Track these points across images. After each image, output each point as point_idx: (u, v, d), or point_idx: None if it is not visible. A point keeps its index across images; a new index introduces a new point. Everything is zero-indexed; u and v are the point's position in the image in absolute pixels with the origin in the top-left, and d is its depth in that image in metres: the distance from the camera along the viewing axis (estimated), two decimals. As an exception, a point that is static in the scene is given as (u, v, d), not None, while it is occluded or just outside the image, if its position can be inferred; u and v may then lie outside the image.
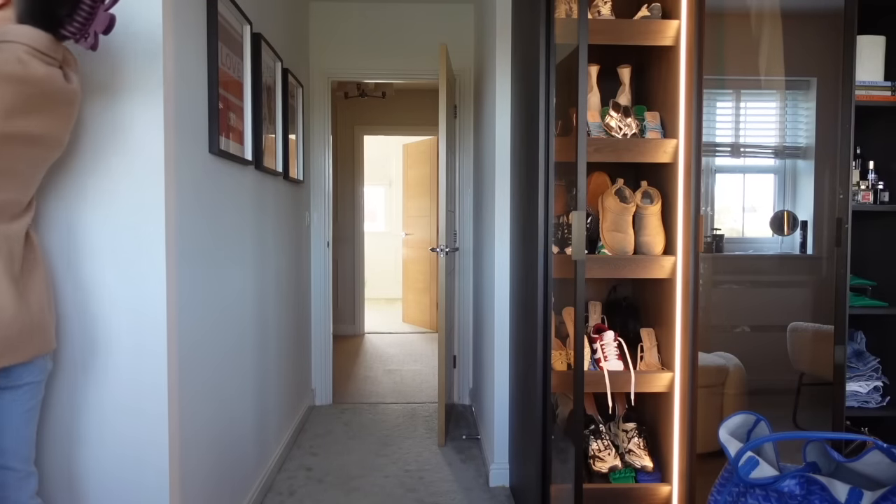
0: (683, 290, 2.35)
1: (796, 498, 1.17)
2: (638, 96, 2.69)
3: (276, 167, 3.27)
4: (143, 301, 1.84)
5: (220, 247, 2.39)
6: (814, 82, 2.98)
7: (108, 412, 1.85)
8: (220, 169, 2.37)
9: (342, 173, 7.00)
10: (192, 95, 2.08)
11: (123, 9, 1.79)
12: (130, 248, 1.83)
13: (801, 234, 2.96)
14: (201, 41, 2.18)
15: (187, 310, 2.04)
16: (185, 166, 2.01)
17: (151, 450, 1.87)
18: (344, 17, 4.51)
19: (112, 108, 1.82)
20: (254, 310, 2.88)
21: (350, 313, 7.07)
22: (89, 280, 1.82)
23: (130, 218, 1.83)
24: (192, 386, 2.09)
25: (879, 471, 1.19)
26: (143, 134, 1.82)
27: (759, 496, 1.20)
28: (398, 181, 9.58)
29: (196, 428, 2.13)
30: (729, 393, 2.78)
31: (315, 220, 4.47)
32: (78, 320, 1.83)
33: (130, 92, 1.82)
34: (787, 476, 1.18)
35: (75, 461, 1.85)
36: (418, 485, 3.20)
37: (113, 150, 1.82)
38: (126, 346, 1.85)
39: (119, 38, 1.81)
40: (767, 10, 2.88)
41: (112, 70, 1.81)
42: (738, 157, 3.18)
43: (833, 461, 1.27)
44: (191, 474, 2.06)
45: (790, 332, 2.90)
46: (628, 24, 2.41)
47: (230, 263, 2.52)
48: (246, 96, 2.66)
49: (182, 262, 1.99)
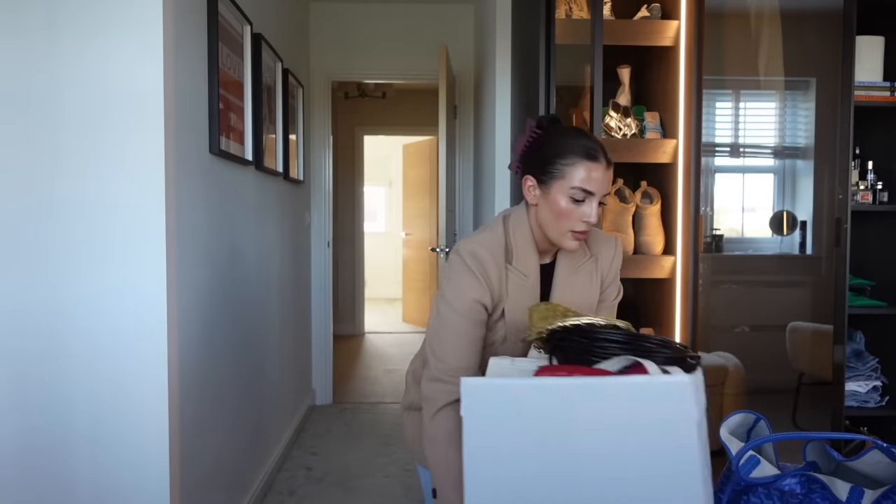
0: (683, 290, 2.35)
1: (797, 496, 1.17)
2: (637, 96, 2.69)
3: (277, 167, 3.27)
4: (144, 301, 1.85)
5: (220, 247, 2.39)
6: (813, 82, 2.98)
7: (109, 412, 1.85)
8: (220, 169, 2.38)
9: (342, 173, 7.00)
10: (192, 95, 2.08)
11: (124, 9, 1.80)
12: (131, 248, 1.84)
13: (800, 233, 2.97)
14: (201, 41, 2.18)
15: (187, 310, 2.05)
16: (185, 166, 2.01)
17: (151, 450, 1.87)
18: (344, 17, 4.51)
19: (112, 108, 1.82)
20: (254, 309, 2.89)
21: (350, 313, 7.07)
22: (89, 280, 1.83)
23: (131, 218, 1.83)
24: (192, 385, 2.09)
25: (879, 470, 1.20)
26: (144, 134, 1.83)
27: (760, 494, 1.20)
28: (398, 181, 9.57)
29: (196, 427, 2.13)
30: (728, 392, 2.78)
31: (315, 220, 4.47)
32: (78, 320, 1.83)
33: (130, 92, 1.82)
34: (788, 475, 1.18)
35: (75, 461, 1.85)
36: (418, 484, 3.20)
37: (113, 151, 1.82)
38: (126, 346, 1.85)
39: (119, 39, 1.81)
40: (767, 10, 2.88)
41: (112, 70, 1.81)
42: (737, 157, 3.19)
43: (832, 461, 1.28)
44: (191, 474, 2.07)
45: (789, 331, 2.90)
46: (628, 24, 2.41)
47: (230, 263, 2.52)
48: (246, 96, 2.67)
49: (182, 262, 2.00)
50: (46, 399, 1.83)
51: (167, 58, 1.86)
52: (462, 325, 1.42)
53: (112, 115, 1.82)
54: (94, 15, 1.80)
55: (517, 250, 1.47)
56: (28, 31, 1.78)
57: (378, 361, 5.93)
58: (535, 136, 1.46)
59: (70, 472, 1.85)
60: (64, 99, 1.80)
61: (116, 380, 1.85)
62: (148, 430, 1.87)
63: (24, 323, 1.82)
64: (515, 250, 1.47)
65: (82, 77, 1.80)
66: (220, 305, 2.40)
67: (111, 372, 1.85)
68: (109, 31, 1.80)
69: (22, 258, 1.81)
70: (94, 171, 1.82)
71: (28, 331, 1.82)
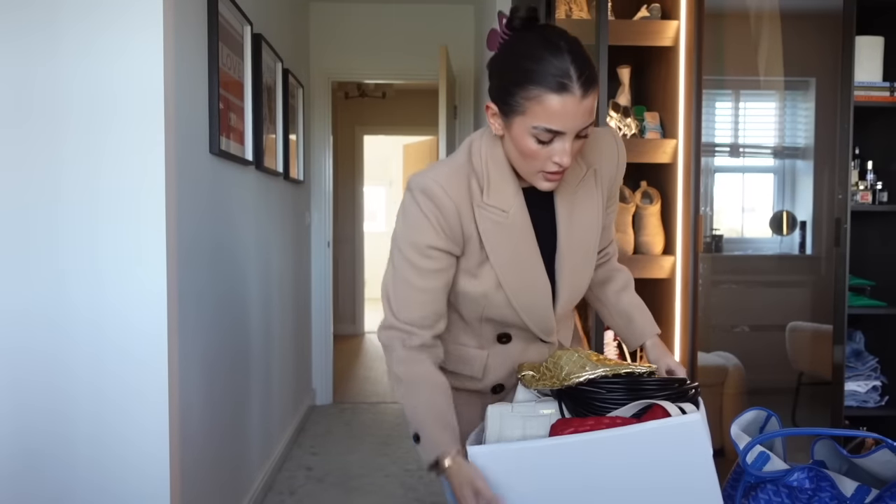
0: (683, 290, 2.35)
1: (806, 492, 1.17)
2: (637, 96, 2.69)
3: (277, 167, 3.27)
4: (144, 300, 1.85)
5: (220, 247, 2.39)
6: (813, 83, 2.98)
7: (109, 411, 1.85)
8: (220, 169, 2.38)
9: (342, 173, 6.99)
10: (192, 95, 2.08)
11: (124, 9, 1.80)
12: (131, 248, 1.84)
13: (800, 233, 2.97)
14: (201, 41, 2.18)
15: (187, 309, 2.05)
16: (185, 166, 2.01)
17: (152, 449, 1.87)
18: (344, 17, 4.51)
19: (112, 109, 1.82)
20: (254, 309, 2.89)
21: (350, 313, 7.07)
22: (90, 280, 1.83)
23: (131, 217, 1.83)
24: (192, 385, 2.09)
25: (887, 469, 1.20)
26: (144, 134, 1.83)
27: (769, 490, 1.21)
28: (398, 181, 9.57)
29: (196, 427, 2.13)
30: (728, 392, 2.79)
31: (315, 220, 4.48)
32: (79, 320, 1.83)
33: (131, 92, 1.82)
34: (797, 470, 1.19)
35: (75, 461, 1.85)
36: (418, 484, 3.21)
37: (113, 151, 1.82)
38: (127, 345, 1.85)
39: (120, 39, 1.81)
40: (767, 10, 2.89)
41: (112, 70, 1.81)
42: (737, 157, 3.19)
43: (840, 459, 1.28)
44: (191, 474, 2.07)
45: (789, 331, 2.90)
46: (628, 24, 2.41)
47: (231, 263, 2.52)
48: (246, 97, 2.67)
49: (182, 263, 2.00)
50: (46, 399, 1.83)
51: (167, 58, 1.86)
52: (412, 276, 1.22)
53: (112, 116, 1.82)
54: (94, 15, 1.80)
55: (490, 182, 1.21)
56: (28, 32, 1.78)
57: (378, 361, 5.93)
58: (503, 43, 1.18)
59: (70, 471, 1.85)
60: (64, 99, 1.80)
61: (117, 379, 1.85)
62: (148, 429, 1.87)
63: (25, 323, 1.82)
64: (488, 182, 1.21)
65: (82, 77, 1.80)
66: (221, 305, 2.40)
67: (111, 371, 1.85)
68: (110, 32, 1.80)
69: (22, 258, 1.81)
70: (95, 171, 1.82)
71: (29, 331, 1.82)
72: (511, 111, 1.13)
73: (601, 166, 1.31)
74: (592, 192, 1.29)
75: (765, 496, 1.21)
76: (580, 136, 1.13)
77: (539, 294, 1.28)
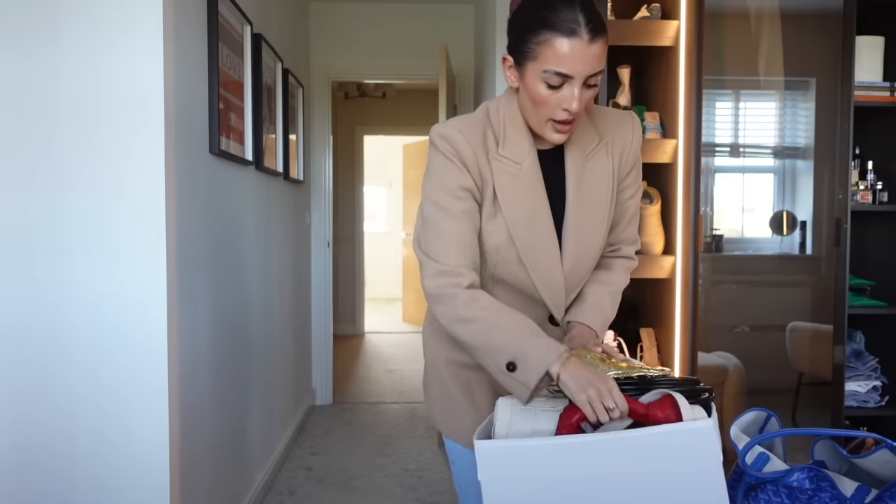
0: (683, 290, 2.35)
1: (806, 492, 1.17)
2: (637, 96, 2.69)
3: (277, 167, 3.27)
4: (144, 301, 1.85)
5: (220, 247, 2.39)
6: (813, 82, 2.98)
7: (110, 410, 1.85)
8: (220, 169, 2.38)
9: (342, 173, 7.00)
10: (192, 95, 2.08)
11: (124, 9, 1.80)
12: (131, 247, 1.84)
13: (800, 234, 2.97)
14: (201, 41, 2.18)
15: (187, 309, 2.05)
16: (185, 166, 2.01)
17: (151, 449, 1.87)
18: (344, 17, 4.51)
19: (112, 109, 1.82)
20: (254, 309, 2.89)
21: (350, 313, 7.07)
22: (90, 280, 1.83)
23: (131, 217, 1.83)
24: (192, 385, 2.09)
25: (887, 469, 1.20)
26: (144, 134, 1.83)
27: (769, 491, 1.21)
28: (398, 181, 9.57)
29: (196, 427, 2.13)
30: (728, 392, 2.78)
31: (315, 220, 4.48)
32: (79, 320, 1.83)
33: (131, 92, 1.82)
34: (797, 470, 1.19)
35: (75, 460, 1.85)
36: (418, 484, 3.21)
37: (113, 151, 1.82)
38: (127, 346, 1.85)
39: (120, 39, 1.81)
40: (767, 10, 2.88)
41: (112, 70, 1.81)
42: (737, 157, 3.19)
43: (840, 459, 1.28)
44: (191, 474, 2.07)
45: (789, 331, 2.90)
46: (628, 24, 2.41)
47: (231, 263, 2.52)
48: (246, 96, 2.67)
49: (182, 263, 2.00)
50: (47, 399, 1.83)
51: (167, 58, 1.86)
52: (445, 222, 1.25)
53: (112, 116, 1.82)
54: (94, 15, 1.80)
55: (506, 134, 1.28)
56: (28, 32, 1.78)
57: (378, 361, 5.93)
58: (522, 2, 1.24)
59: (70, 471, 1.85)
60: (64, 99, 1.80)
61: (117, 379, 1.85)
62: (148, 428, 1.87)
63: (26, 322, 1.82)
64: (504, 135, 1.28)
65: (82, 77, 1.80)
66: (220, 305, 2.40)
67: (112, 371, 1.85)
68: (110, 32, 1.81)
69: (22, 258, 1.81)
70: (94, 171, 1.82)
71: (29, 330, 1.82)
72: (524, 58, 1.20)
73: (614, 140, 1.36)
74: (604, 161, 1.35)
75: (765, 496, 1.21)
76: (589, 85, 1.20)
77: (548, 252, 1.31)
